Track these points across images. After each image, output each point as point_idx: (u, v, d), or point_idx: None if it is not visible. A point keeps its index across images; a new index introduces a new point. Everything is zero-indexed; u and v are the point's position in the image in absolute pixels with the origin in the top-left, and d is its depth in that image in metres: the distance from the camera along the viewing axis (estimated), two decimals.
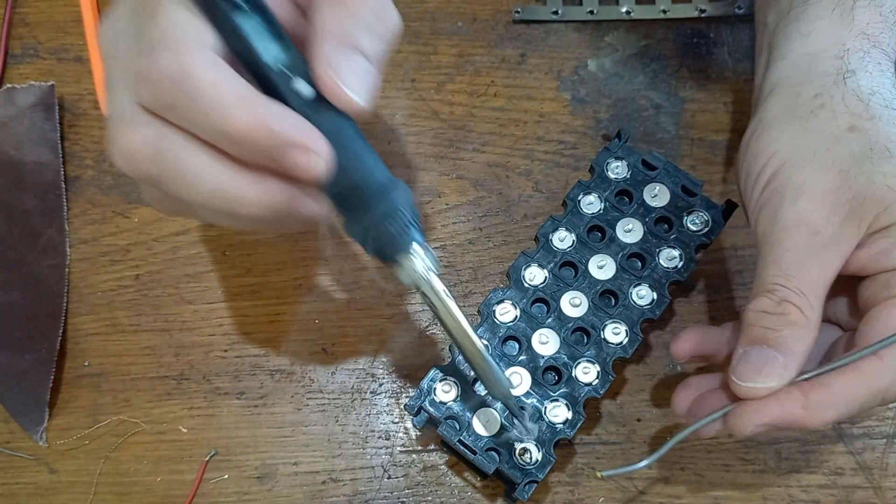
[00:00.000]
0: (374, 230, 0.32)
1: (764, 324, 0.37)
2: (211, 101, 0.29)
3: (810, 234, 0.36)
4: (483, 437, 0.42)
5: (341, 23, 0.31)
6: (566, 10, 0.55)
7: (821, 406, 0.35)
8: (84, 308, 0.49)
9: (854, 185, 0.36)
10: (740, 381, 0.36)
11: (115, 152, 0.31)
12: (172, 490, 0.46)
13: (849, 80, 0.39)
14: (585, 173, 0.49)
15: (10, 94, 0.52)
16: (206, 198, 0.31)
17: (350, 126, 0.31)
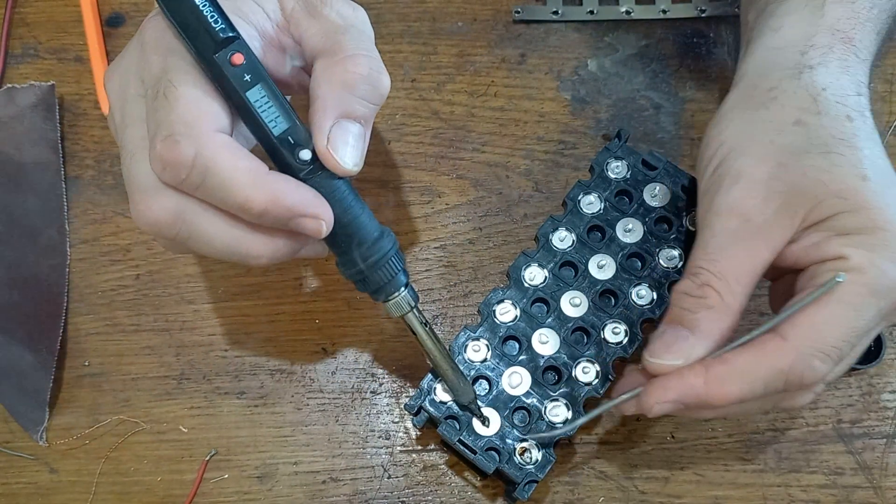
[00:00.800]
0: (367, 275, 0.38)
1: (683, 304, 0.37)
2: (231, 185, 0.32)
3: (741, 221, 0.37)
4: (483, 437, 0.42)
5: (339, 96, 0.35)
6: (566, 10, 0.55)
7: (721, 380, 0.36)
8: (84, 308, 0.49)
9: (790, 177, 0.37)
10: (650, 357, 0.38)
11: (139, 219, 0.34)
12: (172, 490, 0.46)
13: (804, 75, 0.39)
14: (585, 173, 0.50)
15: (10, 94, 0.52)
16: (221, 254, 0.35)
17: (345, 184, 0.36)
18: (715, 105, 0.53)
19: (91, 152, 0.52)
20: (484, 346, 0.44)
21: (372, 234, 0.37)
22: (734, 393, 0.36)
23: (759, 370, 0.36)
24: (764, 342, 0.36)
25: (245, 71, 0.34)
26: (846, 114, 0.38)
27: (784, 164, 0.37)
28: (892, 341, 0.48)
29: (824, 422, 0.47)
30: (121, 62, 0.36)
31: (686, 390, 0.36)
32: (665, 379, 0.37)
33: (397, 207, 0.51)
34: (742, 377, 0.36)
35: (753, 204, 0.37)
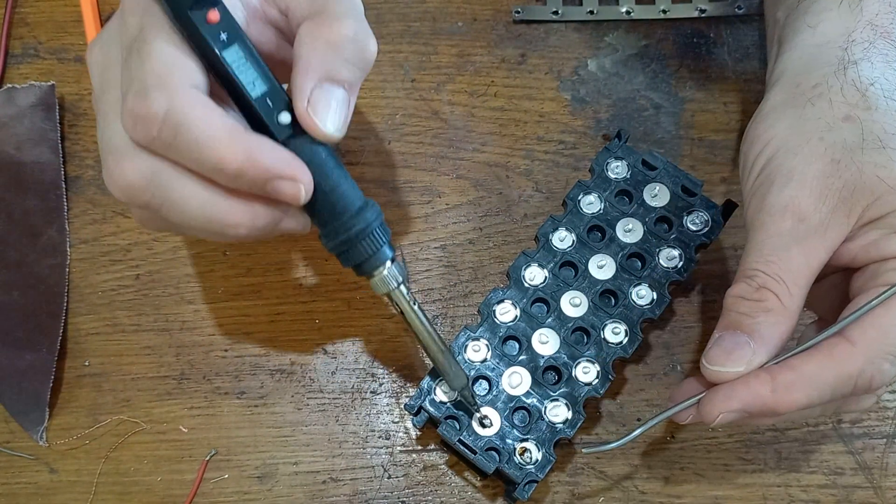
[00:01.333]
0: (350, 247, 0.36)
1: (740, 309, 0.36)
2: (204, 141, 0.31)
3: (796, 221, 0.36)
4: (483, 437, 0.42)
5: (323, 57, 0.33)
6: (566, 10, 0.55)
7: (789, 388, 0.35)
8: (84, 308, 0.49)
9: (845, 174, 0.36)
10: (709, 364, 0.36)
11: (111, 183, 0.33)
12: (172, 490, 0.46)
13: (849, 71, 0.38)
14: (585, 173, 0.50)
15: (10, 94, 0.52)
16: (198, 222, 0.33)
17: (326, 150, 0.34)
18: (715, 105, 0.53)
19: (91, 152, 0.52)
20: (484, 346, 0.44)
21: (354, 203, 0.35)
22: (802, 400, 0.35)
23: (828, 376, 0.34)
24: (831, 347, 0.35)
25: (221, 29, 0.32)
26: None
27: (837, 161, 0.36)
28: None
29: (824, 422, 0.47)
30: (102, 34, 0.35)
31: (752, 399, 0.35)
32: (728, 387, 0.36)
33: (397, 207, 0.51)
34: (810, 384, 0.35)
35: (808, 203, 0.36)
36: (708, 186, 0.51)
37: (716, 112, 0.53)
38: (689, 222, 0.46)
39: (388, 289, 0.38)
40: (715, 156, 0.52)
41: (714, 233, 0.46)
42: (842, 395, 0.35)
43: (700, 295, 0.49)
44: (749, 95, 0.53)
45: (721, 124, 0.53)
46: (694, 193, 0.47)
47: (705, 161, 0.52)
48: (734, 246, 0.50)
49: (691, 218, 0.46)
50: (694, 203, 0.46)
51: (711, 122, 0.53)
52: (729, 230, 0.49)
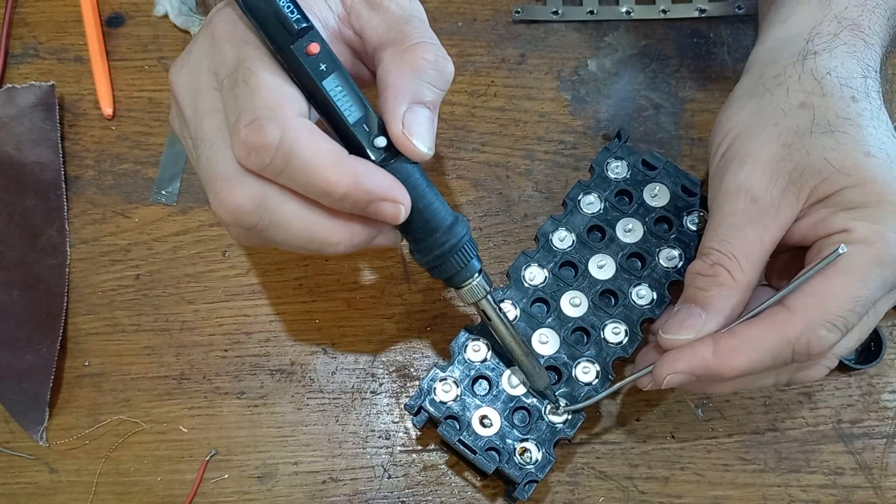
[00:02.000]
0: (443, 262, 0.37)
1: (696, 284, 0.39)
2: (314, 167, 0.33)
3: (749, 202, 0.38)
4: (483, 437, 0.42)
5: (410, 82, 0.35)
6: (566, 10, 0.55)
7: (730, 351, 0.37)
8: (84, 308, 0.49)
9: (795, 157, 0.38)
10: (664, 333, 0.39)
11: (220, 207, 0.34)
12: (172, 490, 0.46)
13: (808, 61, 0.40)
14: (585, 173, 0.50)
15: (10, 94, 0.52)
16: (299, 241, 0.35)
17: (418, 170, 0.36)
18: (715, 105, 0.53)
19: (91, 152, 0.52)
20: (484, 346, 0.44)
21: (446, 220, 0.37)
22: (742, 363, 0.37)
23: (767, 341, 0.36)
24: (771, 314, 0.37)
25: (320, 60, 0.34)
26: (851, 95, 0.39)
27: (789, 145, 0.38)
28: (893, 341, 0.48)
29: (824, 422, 0.47)
30: (189, 57, 0.36)
31: (696, 361, 0.37)
32: (676, 351, 0.38)
33: None
34: (750, 347, 0.37)
35: (761, 184, 0.38)
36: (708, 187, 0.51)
37: (716, 112, 0.52)
38: (689, 222, 0.46)
39: (477, 298, 0.39)
40: None
41: None
42: (783, 361, 0.37)
43: None
44: None
45: None
46: (694, 193, 0.47)
47: (705, 161, 0.52)
48: None
49: (691, 218, 0.46)
50: (694, 203, 0.46)
51: (711, 122, 0.52)
52: None
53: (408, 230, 0.37)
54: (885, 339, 0.47)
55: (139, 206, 0.51)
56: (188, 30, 0.54)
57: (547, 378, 0.42)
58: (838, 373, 0.48)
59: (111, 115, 0.53)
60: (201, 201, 0.51)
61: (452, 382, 0.43)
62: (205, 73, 0.35)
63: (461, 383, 0.43)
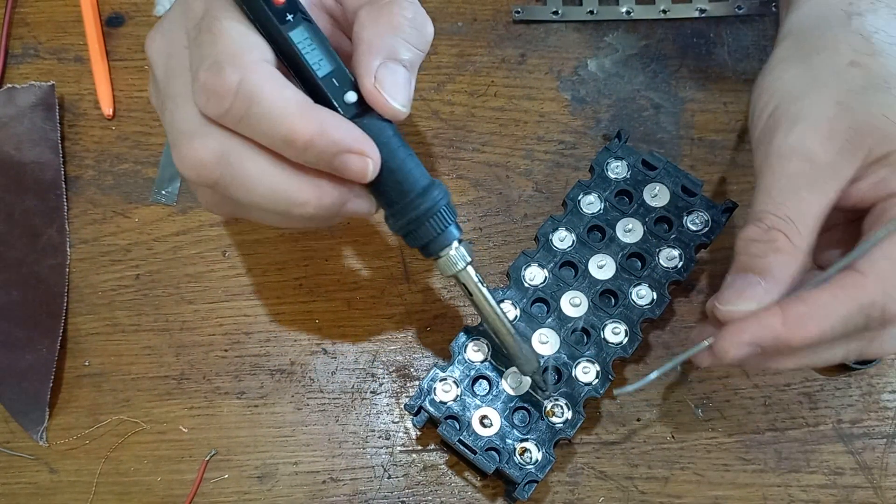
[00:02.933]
0: (417, 227, 0.36)
1: (750, 251, 0.37)
2: (277, 114, 0.31)
3: (805, 162, 0.36)
4: (483, 437, 0.42)
5: (385, 38, 0.34)
6: (566, 10, 0.55)
7: (801, 320, 0.35)
8: (84, 308, 0.49)
9: (851, 115, 0.36)
10: (721, 304, 0.37)
11: (182, 162, 0.33)
12: (172, 490, 0.46)
13: (854, 21, 0.39)
14: (585, 173, 0.50)
15: (10, 94, 0.52)
16: (266, 200, 0.33)
17: (391, 129, 0.35)
18: (715, 105, 0.53)
19: (91, 152, 0.52)
20: (484, 345, 0.44)
21: (420, 182, 0.35)
22: (813, 331, 0.34)
23: (839, 306, 0.34)
24: (842, 279, 0.35)
25: (287, 10, 0.33)
26: None
27: (844, 103, 0.37)
28: None
29: (824, 422, 0.47)
30: (162, 23, 0.36)
31: (763, 331, 0.35)
32: (741, 322, 0.36)
33: None
34: (822, 315, 0.35)
35: (816, 144, 0.36)
36: (708, 186, 0.51)
37: (716, 112, 0.53)
38: (689, 222, 0.46)
39: (456, 269, 0.37)
40: (715, 156, 0.52)
41: (714, 233, 0.46)
42: (855, 328, 0.35)
43: (700, 295, 0.49)
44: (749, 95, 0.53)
45: (721, 124, 0.53)
46: (694, 193, 0.47)
47: (705, 161, 0.52)
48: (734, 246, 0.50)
49: (691, 218, 0.46)
50: (694, 203, 0.46)
51: (711, 122, 0.53)
52: (729, 230, 0.49)
53: (380, 193, 0.35)
54: None
55: (139, 206, 0.51)
56: None
57: (536, 362, 0.41)
58: (838, 373, 0.48)
59: (111, 115, 0.53)
60: None
61: (452, 382, 0.43)
62: (177, 35, 0.34)
63: (461, 383, 0.43)
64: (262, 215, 0.36)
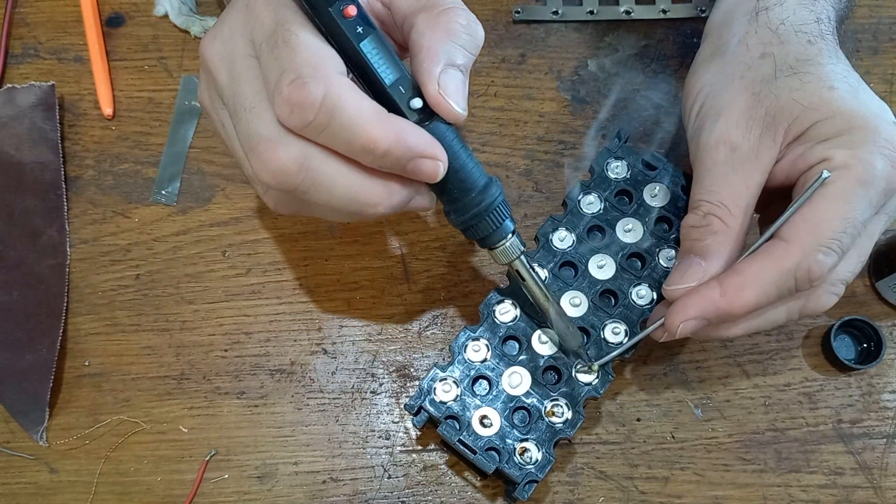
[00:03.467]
0: (478, 222, 0.38)
1: (691, 237, 0.41)
2: (358, 124, 0.33)
3: (729, 151, 0.40)
4: (483, 437, 0.42)
5: (444, 45, 0.36)
6: (566, 10, 0.55)
7: (736, 289, 0.38)
8: (84, 308, 0.49)
9: (765, 103, 0.40)
10: (667, 286, 0.41)
11: (263, 169, 0.34)
12: (172, 490, 0.46)
13: (761, 16, 0.43)
14: (585, 173, 0.50)
15: (10, 94, 0.52)
16: (340, 202, 0.35)
17: (453, 132, 0.36)
18: None
19: (91, 152, 0.52)
20: (484, 346, 0.44)
21: (480, 180, 0.38)
22: (750, 298, 0.38)
23: (769, 273, 0.38)
24: (769, 248, 0.38)
25: (357, 23, 0.35)
26: (807, 39, 0.41)
27: (757, 93, 0.40)
28: (893, 341, 0.48)
29: (824, 422, 0.47)
30: (222, 27, 0.36)
31: (705, 304, 0.39)
32: (685, 298, 0.39)
33: None
34: (755, 282, 0.38)
35: (737, 133, 0.40)
36: None
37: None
38: None
39: (511, 259, 0.40)
40: None
41: None
42: (787, 290, 0.38)
43: None
44: None
45: None
46: None
47: None
48: None
49: None
50: None
51: None
52: None
53: (443, 191, 0.37)
54: (885, 338, 0.47)
55: (139, 206, 0.51)
56: (188, 30, 0.54)
57: (580, 338, 0.43)
58: (838, 373, 0.48)
59: (111, 115, 0.53)
60: (201, 201, 0.51)
61: (452, 382, 0.43)
62: (240, 41, 0.35)
63: (461, 383, 0.43)
64: (330, 214, 0.38)
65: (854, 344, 0.48)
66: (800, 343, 0.48)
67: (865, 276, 0.50)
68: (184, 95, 0.53)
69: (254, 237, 0.50)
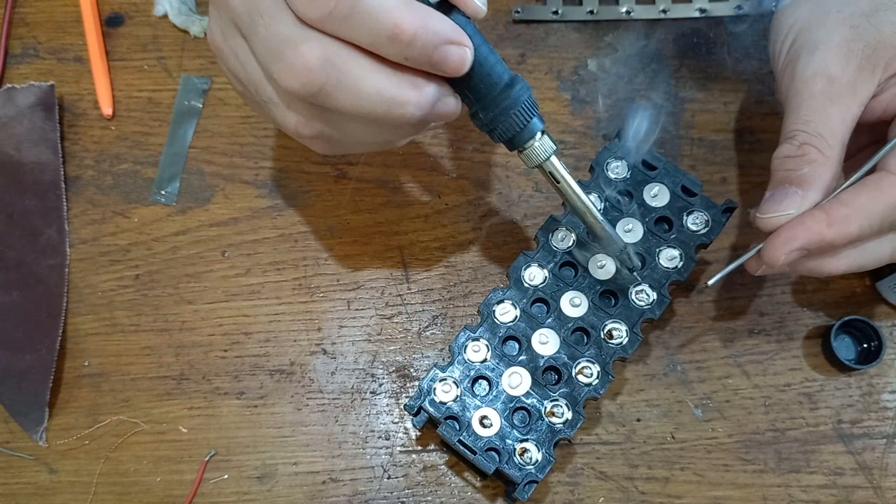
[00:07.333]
0: (502, 121, 0.37)
1: (786, 167, 0.40)
2: (382, 9, 0.32)
3: (827, 82, 0.40)
4: (483, 437, 0.42)
5: None
6: (566, 10, 0.55)
7: (843, 220, 0.38)
8: (84, 308, 0.49)
9: (865, 36, 0.40)
10: (762, 214, 0.40)
11: (290, 69, 0.33)
12: (172, 490, 0.46)
13: None
14: (585, 173, 0.49)
15: (10, 94, 0.52)
16: (369, 102, 0.34)
17: (472, 26, 0.36)
18: (715, 104, 0.53)
19: (91, 152, 0.52)
20: (484, 346, 0.44)
21: (503, 77, 0.36)
22: (855, 229, 0.38)
23: (877, 206, 0.38)
24: (878, 180, 0.39)
25: None
26: None
27: (856, 26, 0.41)
28: (893, 341, 0.48)
29: (824, 422, 0.47)
30: None
31: (809, 234, 0.38)
32: (788, 228, 0.39)
33: (397, 207, 0.51)
34: (862, 214, 0.38)
35: (835, 65, 0.40)
36: (708, 186, 0.51)
37: (716, 112, 0.53)
38: (689, 222, 0.46)
39: (541, 160, 0.39)
40: (715, 156, 0.52)
41: (714, 233, 0.46)
42: (891, 224, 0.39)
43: (700, 295, 0.49)
44: (749, 95, 0.53)
45: (721, 124, 0.53)
46: (694, 193, 0.46)
47: (705, 161, 0.52)
48: (734, 246, 0.50)
49: (691, 218, 0.46)
50: (694, 203, 0.46)
51: (711, 122, 0.53)
52: (729, 230, 0.49)
53: (468, 88, 0.36)
54: (885, 339, 0.47)
55: (139, 206, 0.51)
56: (188, 29, 0.54)
57: (622, 241, 0.42)
58: (838, 373, 0.48)
59: (111, 115, 0.53)
60: (201, 201, 0.51)
61: (452, 383, 0.43)
62: None
63: (461, 383, 0.43)
64: (358, 130, 0.37)
65: (854, 344, 0.48)
66: (800, 343, 0.48)
67: (865, 276, 0.50)
68: (183, 95, 0.53)
69: (253, 237, 0.50)
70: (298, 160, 0.52)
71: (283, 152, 0.52)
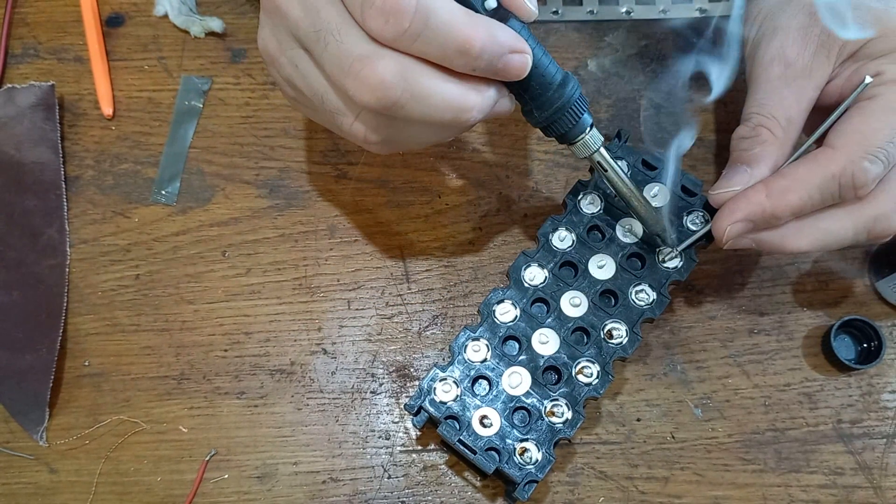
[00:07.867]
0: (556, 119, 0.39)
1: (740, 147, 0.42)
2: (452, 26, 0.34)
3: (784, 67, 0.42)
4: (483, 437, 0.42)
5: None
6: (566, 10, 0.55)
7: (783, 191, 0.40)
8: (84, 308, 0.49)
9: (821, 22, 0.41)
10: (713, 191, 0.42)
11: (364, 87, 0.34)
12: (172, 490, 0.46)
13: None
14: (585, 173, 0.50)
15: (10, 94, 0.52)
16: (439, 111, 0.36)
17: (526, 29, 0.37)
18: (715, 105, 0.53)
19: (91, 152, 0.52)
20: (484, 346, 0.44)
21: (556, 77, 0.38)
22: (794, 201, 0.39)
23: (814, 177, 0.39)
24: (816, 154, 0.40)
25: None
26: None
27: (814, 13, 0.42)
28: (893, 341, 0.48)
29: (824, 422, 0.47)
30: None
31: (750, 206, 0.40)
32: (731, 201, 0.41)
33: (397, 207, 0.51)
34: (800, 185, 0.39)
35: (793, 50, 0.42)
36: (708, 186, 0.51)
37: (716, 112, 0.53)
38: (689, 222, 0.46)
39: (591, 152, 0.41)
40: (715, 156, 0.52)
41: None
42: (831, 196, 0.39)
43: (700, 295, 0.49)
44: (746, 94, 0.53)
45: (721, 124, 0.53)
46: (694, 193, 0.47)
47: (705, 161, 0.52)
48: None
49: (691, 218, 0.46)
50: (694, 203, 0.46)
51: (711, 122, 0.53)
52: None
53: (523, 89, 0.38)
54: (885, 339, 0.47)
55: (139, 206, 0.51)
56: (188, 30, 0.54)
57: (663, 221, 0.44)
58: (838, 372, 0.48)
59: (111, 115, 0.53)
60: (201, 201, 0.51)
61: (452, 382, 0.43)
62: None
63: (461, 383, 0.43)
64: (423, 132, 0.38)
65: (854, 344, 0.48)
66: (800, 343, 0.48)
67: (865, 276, 0.50)
68: (184, 95, 0.53)
69: (253, 237, 0.50)
70: (299, 160, 0.52)
71: (283, 152, 0.52)
